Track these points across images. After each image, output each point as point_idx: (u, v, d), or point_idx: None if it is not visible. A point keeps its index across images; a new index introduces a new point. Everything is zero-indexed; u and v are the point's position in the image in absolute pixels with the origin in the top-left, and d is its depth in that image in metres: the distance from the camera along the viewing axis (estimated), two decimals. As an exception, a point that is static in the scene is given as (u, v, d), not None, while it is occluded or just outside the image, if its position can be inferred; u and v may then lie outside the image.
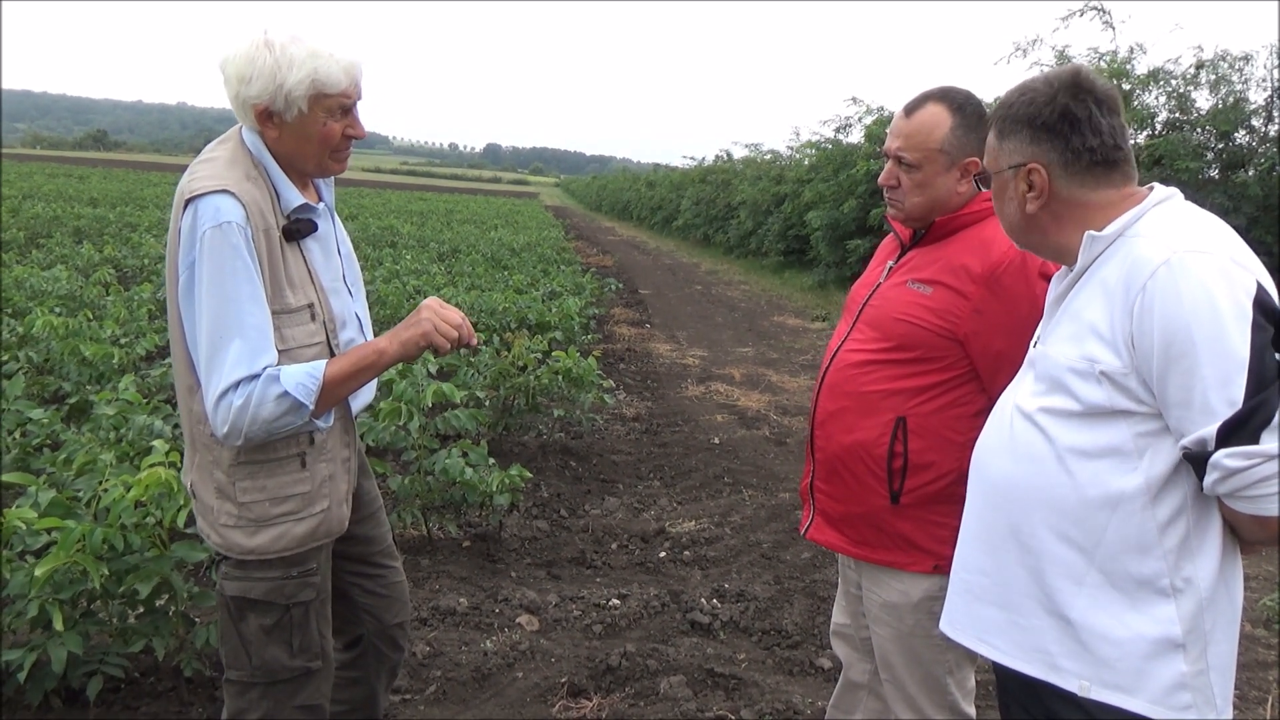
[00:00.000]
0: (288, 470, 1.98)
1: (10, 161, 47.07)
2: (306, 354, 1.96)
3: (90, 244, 12.99)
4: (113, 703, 2.94)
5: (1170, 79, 10.92)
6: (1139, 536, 1.51)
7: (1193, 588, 1.50)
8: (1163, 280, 1.44)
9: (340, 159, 2.03)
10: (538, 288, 11.00)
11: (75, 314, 6.42)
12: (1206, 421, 1.41)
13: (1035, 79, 1.67)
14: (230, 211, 1.85)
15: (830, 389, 2.18)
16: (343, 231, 2.23)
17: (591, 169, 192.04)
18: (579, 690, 3.24)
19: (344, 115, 1.96)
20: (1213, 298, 1.41)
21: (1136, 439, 1.51)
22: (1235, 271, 1.43)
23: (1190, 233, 1.50)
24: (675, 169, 40.33)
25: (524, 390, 5.91)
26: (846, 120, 17.89)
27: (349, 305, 2.15)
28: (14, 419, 3.82)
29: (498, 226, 24.72)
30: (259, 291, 1.86)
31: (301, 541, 2.00)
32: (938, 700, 2.15)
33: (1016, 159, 1.64)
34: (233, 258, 1.83)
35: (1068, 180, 1.61)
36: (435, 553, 4.40)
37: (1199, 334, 1.40)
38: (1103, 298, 1.53)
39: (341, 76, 1.89)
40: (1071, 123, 1.59)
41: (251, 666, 2.04)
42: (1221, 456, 1.40)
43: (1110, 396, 1.51)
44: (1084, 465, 1.54)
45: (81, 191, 26.86)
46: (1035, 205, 1.64)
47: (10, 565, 2.63)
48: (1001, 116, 1.67)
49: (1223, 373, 1.39)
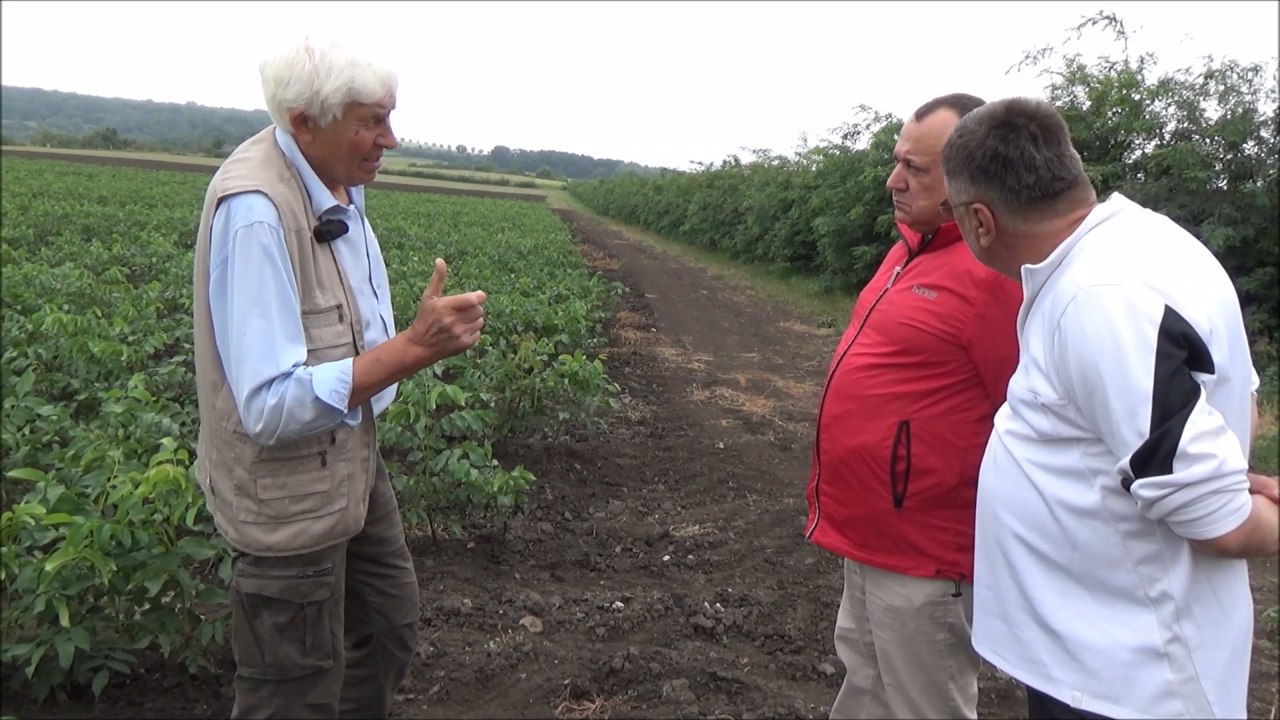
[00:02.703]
0: (309, 468, 1.99)
1: (20, 159, 47.29)
2: (333, 354, 1.98)
3: (99, 242, 13.03)
4: (118, 698, 2.95)
5: (1180, 89, 10.91)
6: (1106, 551, 1.53)
7: (1167, 599, 1.51)
8: (1072, 316, 1.48)
9: (369, 169, 2.04)
10: (544, 290, 11.00)
11: (84, 311, 6.44)
12: (1123, 452, 1.44)
13: (971, 118, 1.69)
14: (263, 212, 1.86)
15: (836, 392, 2.20)
16: (371, 234, 2.24)
17: (599, 172, 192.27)
18: (582, 692, 3.25)
19: (376, 124, 1.96)
20: (1116, 332, 1.43)
21: (1089, 460, 1.53)
22: (1143, 301, 1.44)
23: (1104, 263, 1.52)
24: (683, 173, 40.35)
25: (530, 393, 5.92)
26: (855, 127, 17.93)
27: (374, 307, 2.17)
28: (23, 415, 3.84)
29: (505, 229, 24.74)
30: (288, 292, 1.87)
31: (319, 540, 2.02)
32: (939, 705, 2.15)
33: (963, 198, 1.69)
34: (263, 258, 1.84)
35: (1011, 216, 1.65)
36: (440, 553, 4.41)
37: (1104, 368, 1.44)
38: (1042, 330, 1.57)
39: (377, 87, 1.90)
40: (1004, 164, 1.62)
41: (264, 664, 2.05)
42: (1136, 487, 1.43)
43: (1055, 425, 1.55)
44: (1048, 482, 1.58)
45: (91, 189, 26.96)
46: (987, 240, 1.69)
47: (18, 560, 2.64)
48: (946, 156, 1.71)
49: (1128, 405, 1.42)
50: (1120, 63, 11.56)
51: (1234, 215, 9.43)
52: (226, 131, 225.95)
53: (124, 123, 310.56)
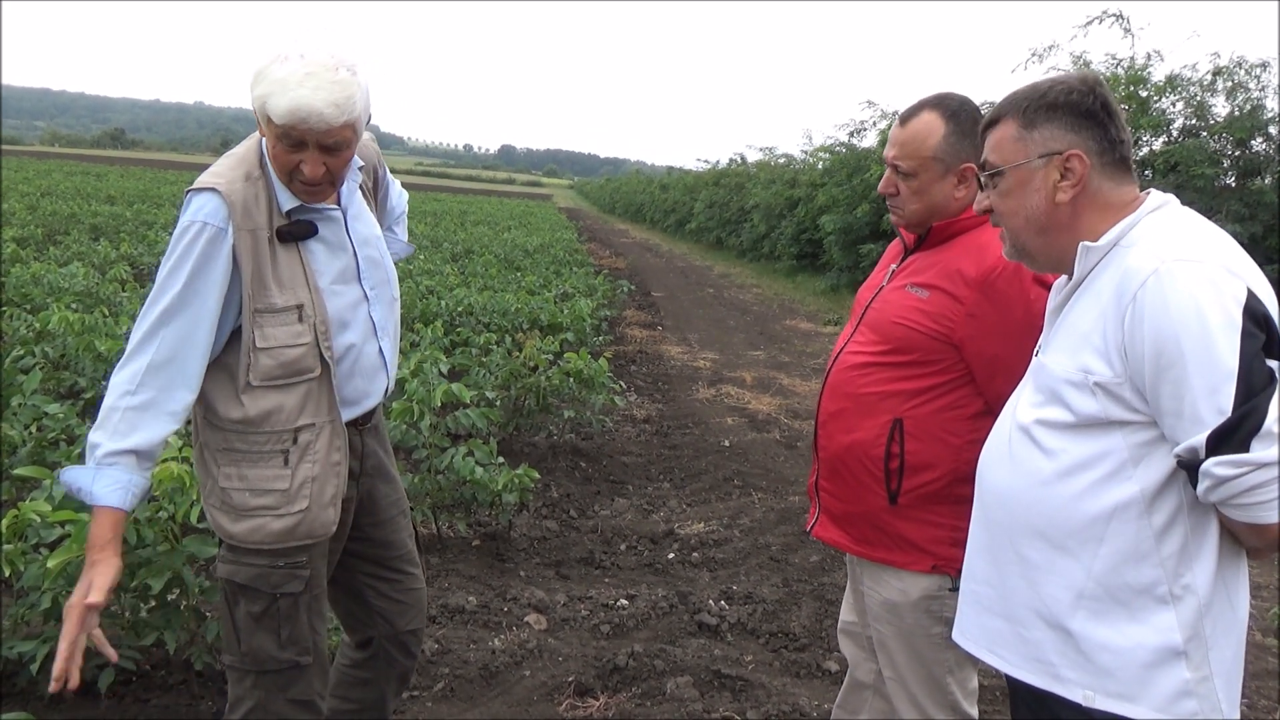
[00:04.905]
0: (269, 464, 2.00)
1: (29, 159, 47.45)
2: (289, 354, 1.98)
3: (107, 241, 13.10)
4: (124, 695, 2.96)
5: (1187, 85, 10.87)
6: (1136, 545, 1.51)
7: (1191, 594, 1.50)
8: (1152, 290, 1.45)
9: (302, 190, 1.99)
10: (550, 289, 11.01)
11: (91, 310, 6.47)
12: (1196, 430, 1.41)
13: (1056, 76, 1.65)
14: (208, 211, 1.90)
15: (832, 390, 2.21)
16: (372, 234, 2.21)
17: (605, 171, 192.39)
18: (586, 689, 3.25)
19: (294, 147, 1.91)
20: (1201, 307, 1.41)
21: (1132, 449, 1.51)
22: (1225, 280, 1.43)
23: (1181, 241, 1.50)
24: (689, 172, 40.34)
25: (535, 391, 5.93)
26: (861, 124, 17.87)
27: (360, 308, 2.14)
28: (30, 413, 3.86)
29: (511, 228, 24.78)
30: (202, 295, 1.91)
31: (279, 538, 2.01)
32: (939, 699, 2.16)
33: (1053, 146, 1.61)
34: (186, 256, 1.89)
35: (1099, 171, 1.60)
36: (445, 551, 4.42)
37: (1187, 344, 1.41)
38: (1097, 308, 1.54)
39: (282, 112, 1.84)
40: (1109, 113, 1.60)
41: (240, 652, 2.07)
42: (1211, 465, 1.40)
43: (1105, 407, 1.52)
44: (1079, 477, 1.55)
45: (99, 189, 27.07)
46: (1069, 194, 1.61)
47: (24, 557, 2.65)
48: (1030, 105, 1.63)
49: (1211, 382, 1.39)
50: (1127, 60, 11.52)
51: (1242, 212, 9.40)
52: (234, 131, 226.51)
53: (132, 122, 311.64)
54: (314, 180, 1.94)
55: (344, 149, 1.95)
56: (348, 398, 2.12)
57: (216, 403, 2.00)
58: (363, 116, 1.96)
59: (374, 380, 2.20)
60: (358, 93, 1.90)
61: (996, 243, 1.96)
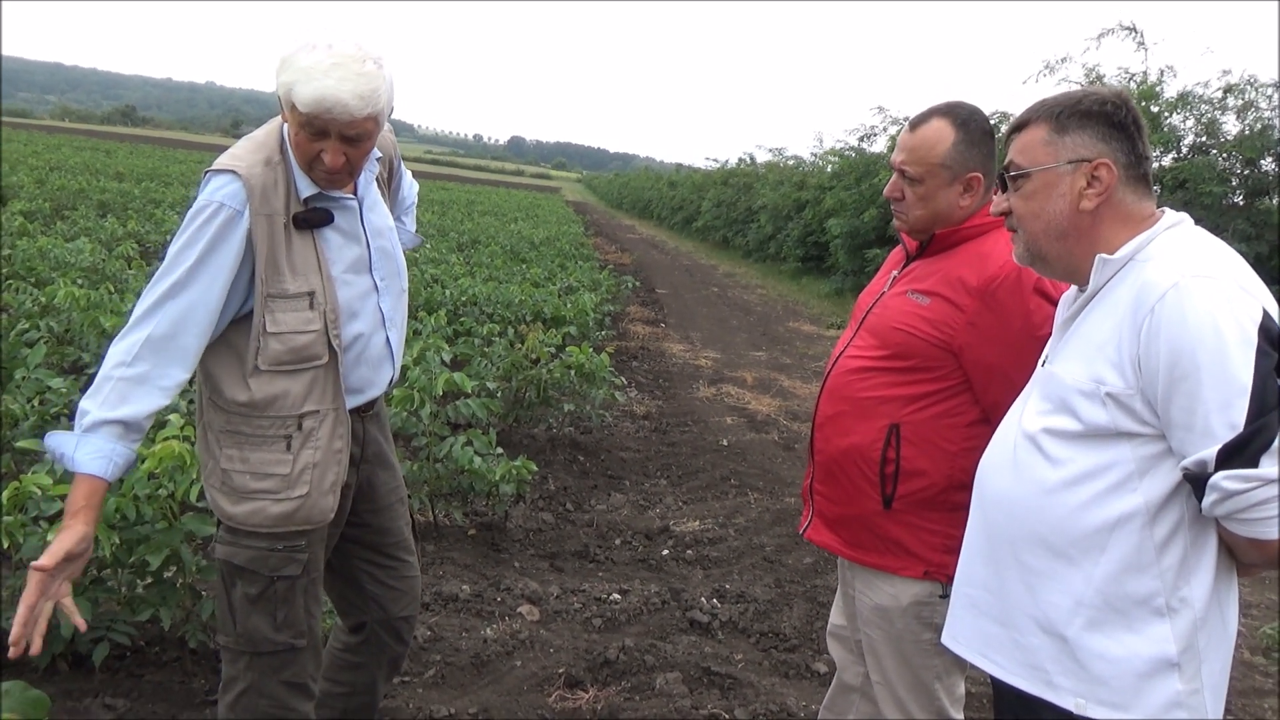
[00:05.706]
0: (272, 449, 2.01)
1: (38, 133, 47.47)
2: (299, 340, 1.99)
3: (114, 218, 13.11)
4: (118, 669, 2.98)
5: (1199, 103, 10.86)
6: (1137, 556, 1.52)
7: (1188, 607, 1.51)
8: (1170, 303, 1.46)
9: (322, 177, 2.00)
10: (555, 282, 11.03)
11: (97, 286, 6.48)
12: (1207, 444, 1.42)
13: (1089, 87, 1.69)
14: (227, 193, 1.92)
15: (830, 393, 2.22)
16: (385, 225, 2.23)
17: (614, 166, 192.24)
18: (576, 681, 3.27)
19: (316, 136, 1.93)
20: (1218, 323, 1.43)
21: (1139, 461, 1.52)
22: (1241, 298, 1.45)
23: (1199, 258, 1.52)
24: (697, 170, 40.31)
25: (536, 383, 5.94)
26: (871, 129, 17.91)
27: (369, 298, 2.15)
28: (34, 387, 3.88)
29: (518, 219, 24.78)
30: (210, 275, 1.91)
31: (277, 521, 2.03)
32: (925, 704, 2.17)
33: (1083, 153, 1.62)
34: (199, 235, 1.91)
35: (1124, 183, 1.62)
36: (440, 539, 4.44)
37: (1203, 358, 1.42)
38: (1113, 320, 1.55)
39: (310, 101, 1.86)
40: (1139, 128, 1.62)
41: (235, 633, 2.09)
42: (1220, 479, 1.42)
43: (1114, 418, 1.53)
44: (1085, 487, 1.56)
45: (108, 165, 27.07)
46: (1093, 202, 1.61)
47: (24, 530, 2.67)
48: (1063, 111, 1.64)
49: (1224, 396, 1.41)
50: (1139, 74, 11.51)
51: (1249, 231, 9.39)
52: (245, 112, 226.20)
53: (143, 100, 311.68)
54: (334, 169, 1.96)
55: (365, 140, 1.97)
56: (353, 386, 2.14)
57: (223, 385, 2.01)
58: (386, 109, 1.97)
59: (379, 370, 2.22)
60: (383, 86, 1.92)
61: (999, 252, 1.97)
